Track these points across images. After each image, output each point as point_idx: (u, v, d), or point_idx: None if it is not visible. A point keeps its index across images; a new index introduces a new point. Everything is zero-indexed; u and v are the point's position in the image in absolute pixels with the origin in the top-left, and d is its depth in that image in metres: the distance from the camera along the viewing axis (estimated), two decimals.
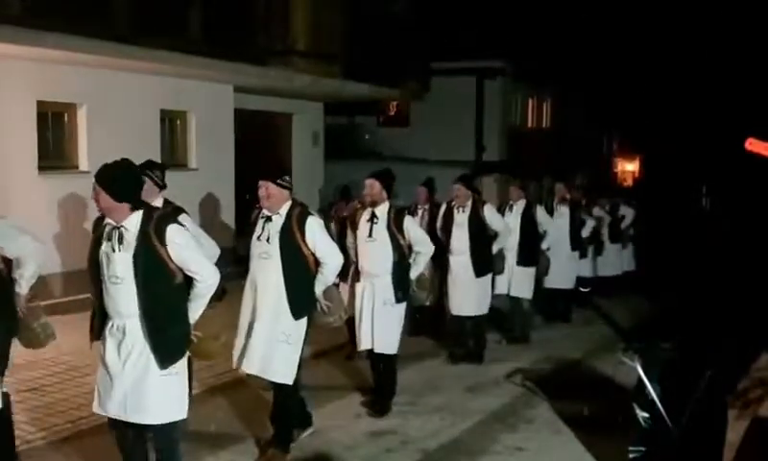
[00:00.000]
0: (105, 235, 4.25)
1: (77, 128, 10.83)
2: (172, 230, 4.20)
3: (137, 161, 4.68)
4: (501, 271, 8.79)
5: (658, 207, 25.48)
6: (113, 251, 4.19)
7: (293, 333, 5.38)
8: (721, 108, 31.57)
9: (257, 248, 5.46)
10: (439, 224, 8.54)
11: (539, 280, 9.92)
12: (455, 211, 8.30)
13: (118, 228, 4.19)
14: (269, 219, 5.42)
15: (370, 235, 6.57)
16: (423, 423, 6.57)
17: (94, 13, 9.41)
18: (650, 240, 17.29)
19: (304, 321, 5.44)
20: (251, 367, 5.48)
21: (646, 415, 5.13)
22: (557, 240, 10.14)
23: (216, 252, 5.53)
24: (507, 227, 8.59)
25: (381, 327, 6.56)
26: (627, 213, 13.57)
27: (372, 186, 6.63)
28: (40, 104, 10.13)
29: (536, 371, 8.23)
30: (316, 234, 5.38)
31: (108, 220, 4.27)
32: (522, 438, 6.27)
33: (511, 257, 9.05)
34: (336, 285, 5.87)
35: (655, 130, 33.17)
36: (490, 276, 8.41)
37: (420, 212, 9.28)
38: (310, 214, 5.44)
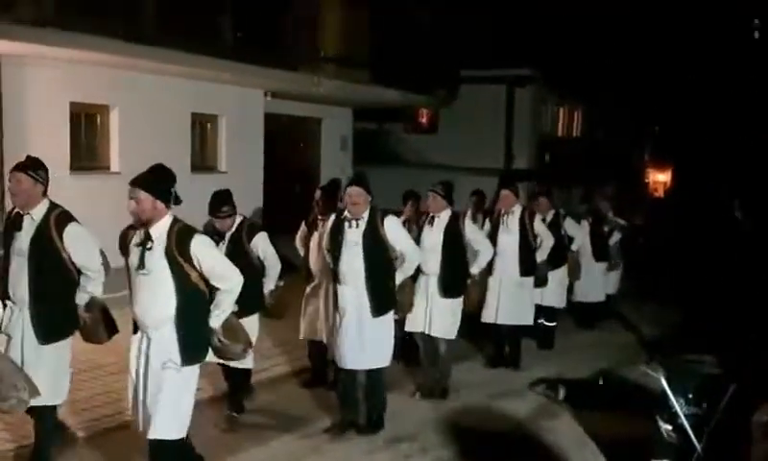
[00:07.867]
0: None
1: (109, 129, 10.99)
2: None
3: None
4: (407, 311, 6.79)
5: (690, 218, 25.21)
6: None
7: None
8: (755, 118, 31.18)
9: None
10: (325, 242, 6.46)
11: (477, 315, 8.16)
12: (346, 226, 6.16)
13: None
14: None
15: (141, 266, 4.45)
16: (443, 430, 6.53)
17: (127, 16, 9.54)
18: (682, 252, 17.06)
19: None
20: None
21: (669, 428, 5.08)
22: (503, 263, 8.17)
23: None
24: (415, 250, 6.45)
25: (155, 401, 4.41)
26: (618, 227, 11.28)
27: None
28: (73, 105, 10.29)
29: (559, 380, 8.16)
30: None
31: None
32: (544, 448, 6.21)
33: (431, 286, 7.19)
34: None
35: (687, 140, 32.82)
36: (391, 314, 6.30)
37: (320, 225, 7.19)
38: None
